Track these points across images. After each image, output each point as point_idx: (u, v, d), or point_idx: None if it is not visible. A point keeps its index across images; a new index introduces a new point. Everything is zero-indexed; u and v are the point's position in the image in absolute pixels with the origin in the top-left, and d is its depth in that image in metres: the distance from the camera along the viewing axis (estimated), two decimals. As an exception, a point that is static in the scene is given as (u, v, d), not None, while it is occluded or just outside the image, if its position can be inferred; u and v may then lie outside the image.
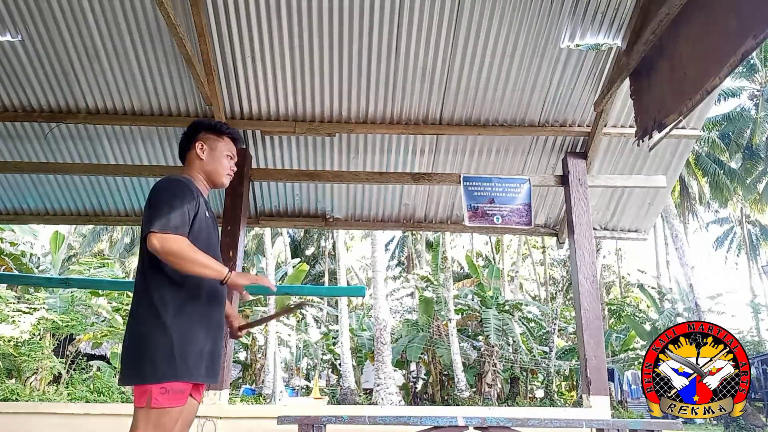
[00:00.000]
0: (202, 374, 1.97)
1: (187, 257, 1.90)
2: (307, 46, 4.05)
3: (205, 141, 2.22)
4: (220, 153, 2.22)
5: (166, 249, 1.88)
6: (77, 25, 3.90)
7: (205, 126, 2.26)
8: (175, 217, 1.93)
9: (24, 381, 15.72)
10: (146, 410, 1.86)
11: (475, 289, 22.19)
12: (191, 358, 1.92)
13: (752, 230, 29.17)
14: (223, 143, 2.25)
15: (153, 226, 1.89)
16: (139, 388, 1.90)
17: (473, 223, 4.55)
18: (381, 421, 2.90)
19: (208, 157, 2.21)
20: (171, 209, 1.94)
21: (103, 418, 3.84)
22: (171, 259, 1.89)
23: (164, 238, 1.88)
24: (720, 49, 2.50)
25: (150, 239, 1.89)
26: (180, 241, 1.91)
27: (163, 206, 1.93)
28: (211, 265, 1.96)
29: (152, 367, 1.87)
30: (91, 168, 4.84)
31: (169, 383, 1.87)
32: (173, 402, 1.87)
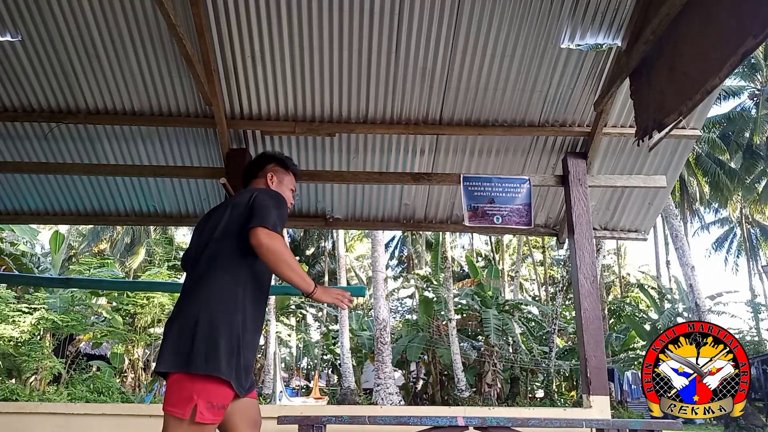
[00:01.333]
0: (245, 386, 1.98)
1: (287, 258, 2.00)
2: (307, 46, 4.05)
3: (275, 173, 2.40)
4: (285, 186, 2.42)
5: (273, 245, 1.97)
6: (77, 25, 3.90)
7: (275, 158, 2.45)
8: (280, 221, 2.07)
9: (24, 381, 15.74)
10: (190, 424, 1.80)
11: (475, 289, 22.19)
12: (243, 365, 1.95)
13: (752, 231, 29.17)
14: (289, 178, 2.45)
15: (265, 222, 1.99)
16: (182, 391, 1.83)
17: (473, 223, 4.55)
18: (381, 421, 2.90)
19: (277, 188, 2.37)
20: (278, 213, 2.07)
21: (103, 418, 3.84)
22: (271, 256, 1.97)
23: (272, 235, 1.98)
24: (720, 49, 2.50)
25: (258, 233, 1.97)
26: (283, 241, 2.03)
27: (272, 208, 2.06)
28: (303, 274, 2.07)
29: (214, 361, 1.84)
30: (91, 168, 4.84)
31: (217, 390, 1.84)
32: (217, 418, 1.86)
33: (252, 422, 2.08)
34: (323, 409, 8.04)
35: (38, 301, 15.46)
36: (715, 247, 31.50)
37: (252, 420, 2.09)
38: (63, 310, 15.56)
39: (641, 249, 70.67)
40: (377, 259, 18.24)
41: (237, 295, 1.99)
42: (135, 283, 17.61)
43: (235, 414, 2.03)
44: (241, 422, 2.05)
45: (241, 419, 2.05)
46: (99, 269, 17.59)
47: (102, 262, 18.87)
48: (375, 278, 18.23)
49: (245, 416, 2.06)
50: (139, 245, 25.03)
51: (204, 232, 2.16)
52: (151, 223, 6.34)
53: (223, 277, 2.01)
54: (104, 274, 17.02)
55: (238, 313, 1.96)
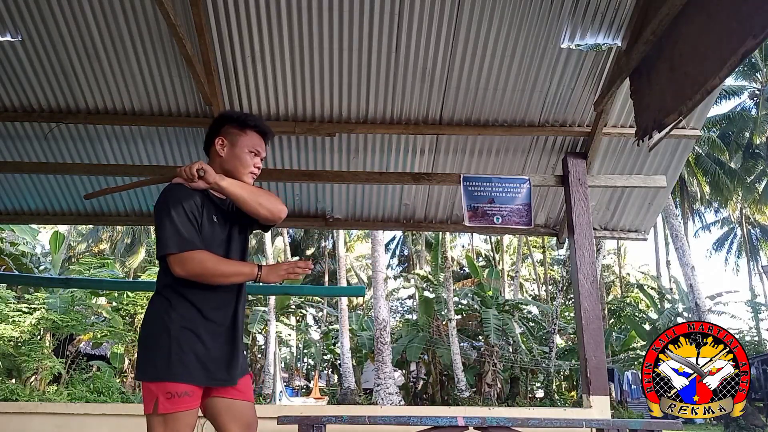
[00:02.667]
0: (204, 377, 1.91)
1: (212, 272, 1.88)
2: (307, 46, 4.05)
3: (226, 136, 2.07)
4: (241, 149, 2.05)
5: (190, 272, 1.86)
6: (77, 25, 3.89)
7: (228, 118, 2.11)
8: (184, 232, 1.86)
9: (24, 381, 15.73)
10: (155, 416, 1.85)
11: (475, 289, 22.20)
12: (191, 360, 1.88)
13: (752, 231, 29.17)
14: (246, 137, 2.07)
15: (167, 248, 1.85)
16: (145, 391, 1.89)
17: (473, 223, 4.55)
18: (381, 421, 2.89)
19: (228, 154, 2.05)
20: (176, 224, 1.86)
21: (103, 418, 3.84)
22: (199, 279, 1.89)
23: (182, 260, 1.84)
24: (720, 49, 2.50)
25: (171, 265, 1.86)
26: (198, 257, 1.86)
27: (167, 222, 1.86)
28: (239, 271, 1.95)
29: (152, 367, 1.89)
30: (91, 168, 4.84)
31: (172, 386, 1.85)
32: (179, 406, 1.84)
33: (245, 425, 2.01)
34: (323, 409, 8.04)
35: (38, 301, 15.46)
36: (715, 247, 31.51)
37: (244, 423, 2.02)
38: (63, 310, 15.55)
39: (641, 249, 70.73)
40: (377, 259, 18.24)
41: (171, 295, 1.92)
42: (135, 283, 17.62)
43: (225, 416, 2.00)
44: (231, 425, 1.99)
45: (232, 422, 1.99)
46: (99, 269, 17.58)
47: (102, 262, 18.87)
48: (375, 278, 18.23)
49: (235, 419, 2.00)
50: (139, 245, 25.03)
51: None
52: (151, 223, 6.32)
53: (162, 280, 1.98)
54: (104, 274, 17.02)
55: (172, 311, 1.89)
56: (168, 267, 1.91)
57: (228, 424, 2.00)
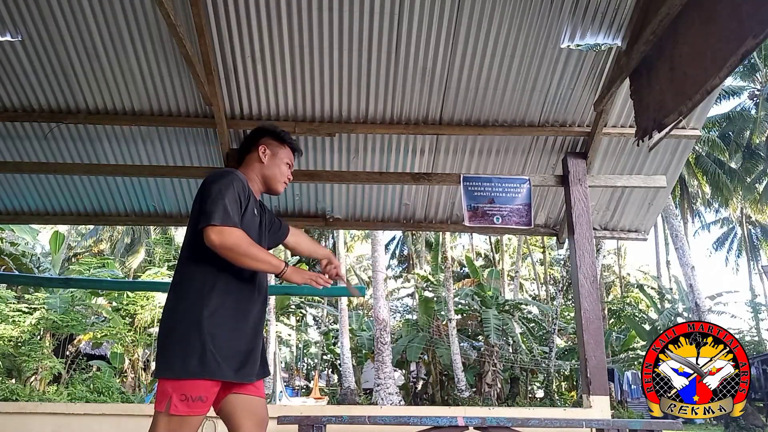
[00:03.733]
0: (232, 373, 1.94)
1: (244, 252, 1.92)
2: (307, 46, 4.05)
3: (268, 146, 2.26)
4: (280, 160, 2.27)
5: (225, 243, 1.89)
6: (77, 25, 3.90)
7: (269, 131, 2.31)
8: (230, 209, 1.94)
9: (24, 381, 15.73)
10: (165, 415, 1.84)
11: (475, 289, 22.19)
12: (224, 355, 1.91)
13: (752, 230, 29.17)
14: (284, 151, 2.29)
15: (211, 219, 1.90)
16: (160, 389, 1.88)
17: (473, 223, 4.55)
18: (381, 421, 2.90)
19: (269, 162, 2.25)
20: (226, 201, 1.94)
21: (103, 418, 3.84)
22: (228, 253, 1.91)
23: (222, 232, 1.89)
24: (720, 49, 2.50)
25: (207, 233, 1.89)
26: (237, 233, 1.93)
27: (218, 198, 1.94)
28: (268, 259, 1.99)
29: (180, 363, 1.86)
30: (91, 168, 4.84)
31: (192, 384, 1.85)
32: (193, 410, 1.85)
33: (258, 421, 2.06)
34: (323, 409, 8.04)
35: (38, 301, 15.46)
36: (715, 247, 31.52)
37: (259, 419, 2.06)
38: (63, 310, 15.55)
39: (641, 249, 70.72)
40: (377, 259, 18.24)
41: (202, 289, 1.95)
42: (135, 283, 17.62)
43: (241, 412, 2.02)
44: (246, 421, 2.02)
45: (247, 418, 2.02)
46: (99, 269, 17.58)
47: (102, 262, 18.87)
48: (375, 278, 18.23)
49: (251, 415, 2.04)
50: (139, 245, 25.02)
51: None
52: (151, 223, 6.34)
53: (187, 274, 2.00)
54: (104, 274, 17.02)
55: (204, 307, 1.91)
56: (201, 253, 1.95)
57: (243, 420, 2.02)
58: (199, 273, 1.98)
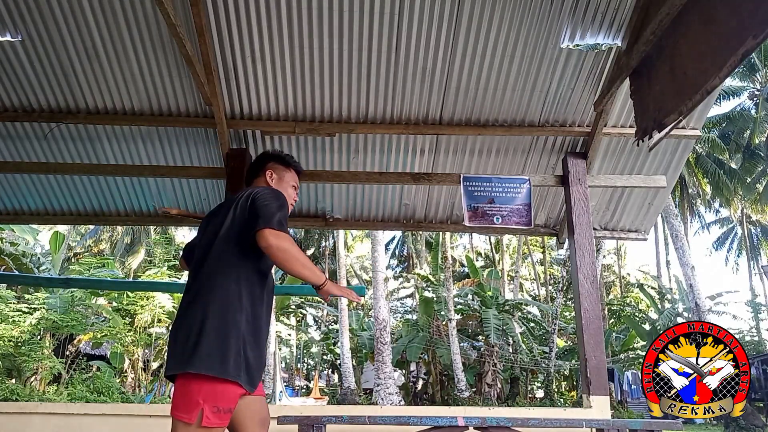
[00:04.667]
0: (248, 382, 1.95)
1: (297, 256, 2.00)
2: (307, 46, 4.05)
3: (274, 170, 2.40)
4: (286, 183, 2.40)
5: (281, 245, 1.97)
6: (77, 25, 3.90)
7: (274, 157, 2.44)
8: (285, 219, 2.07)
9: (24, 381, 15.73)
10: (195, 427, 1.81)
11: (475, 288, 22.19)
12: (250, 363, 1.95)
13: (753, 230, 29.17)
14: (289, 174, 2.43)
15: (270, 222, 1.99)
16: (186, 397, 1.84)
17: (473, 223, 4.55)
18: (381, 421, 2.89)
19: (277, 185, 2.36)
20: (281, 212, 2.07)
21: (103, 418, 3.84)
22: (281, 254, 1.97)
23: (279, 235, 1.98)
24: (720, 49, 2.50)
25: (266, 234, 1.96)
26: (290, 239, 2.03)
27: (274, 207, 2.05)
28: (314, 268, 2.07)
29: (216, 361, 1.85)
30: (91, 168, 4.84)
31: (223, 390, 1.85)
32: (224, 421, 1.86)
33: (261, 421, 2.09)
34: (323, 409, 8.04)
35: (38, 301, 15.45)
36: (715, 247, 31.52)
37: (261, 419, 2.09)
38: (63, 310, 15.55)
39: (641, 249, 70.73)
40: (377, 259, 18.24)
41: (241, 295, 2.00)
42: (135, 283, 17.61)
43: (244, 413, 2.04)
44: (249, 421, 2.05)
45: (250, 418, 2.05)
46: (99, 269, 17.58)
47: (102, 262, 18.86)
48: (375, 278, 18.23)
49: (254, 415, 2.07)
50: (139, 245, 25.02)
51: (208, 232, 2.16)
52: (151, 223, 6.34)
53: (228, 277, 2.02)
54: (104, 274, 17.02)
55: (243, 312, 1.98)
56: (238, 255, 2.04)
57: (245, 420, 2.05)
58: (237, 278, 2.03)
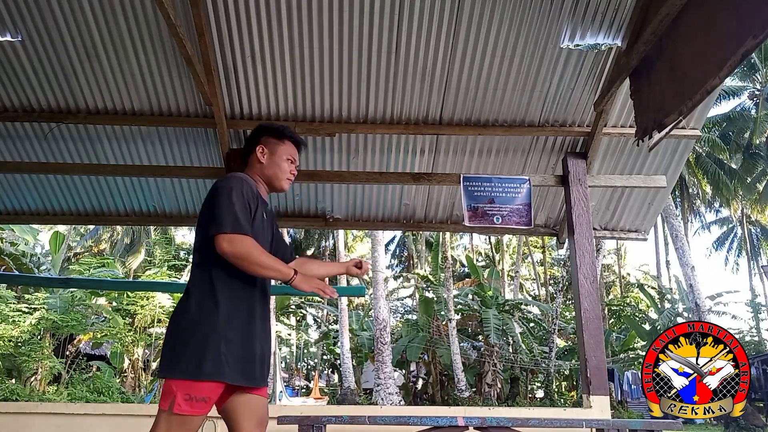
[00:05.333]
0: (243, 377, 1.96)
1: (255, 261, 1.94)
2: (307, 46, 4.05)
3: (266, 144, 2.25)
4: (280, 157, 2.25)
5: (237, 252, 1.91)
6: (77, 25, 3.90)
7: (267, 130, 2.30)
8: (241, 217, 1.95)
9: (24, 381, 15.73)
10: (168, 414, 1.86)
11: (475, 289, 22.18)
12: (236, 359, 1.93)
13: (753, 230, 29.16)
14: (284, 147, 2.27)
15: (222, 227, 1.91)
16: (165, 388, 1.89)
17: (473, 223, 4.55)
18: (381, 421, 2.89)
19: (269, 161, 2.23)
20: (236, 209, 1.95)
21: (103, 418, 3.84)
22: (238, 262, 1.93)
23: (233, 240, 1.91)
24: (720, 49, 2.50)
25: (219, 241, 1.91)
26: (248, 242, 1.94)
27: (224, 206, 1.95)
28: (278, 267, 2.01)
29: (188, 364, 1.87)
30: (91, 168, 4.84)
31: (199, 385, 1.86)
32: (195, 410, 1.87)
33: (259, 421, 2.07)
34: (323, 409, 8.04)
35: (38, 301, 15.45)
36: (715, 247, 31.49)
37: (259, 419, 2.07)
38: (63, 310, 15.54)
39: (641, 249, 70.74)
40: (377, 259, 18.22)
41: (215, 292, 1.96)
42: (135, 283, 17.60)
43: (242, 412, 2.03)
44: (246, 421, 2.03)
45: (248, 418, 2.04)
46: (99, 269, 17.58)
47: (102, 262, 18.86)
48: (375, 278, 18.22)
49: (252, 415, 2.05)
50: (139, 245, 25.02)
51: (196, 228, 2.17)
52: (151, 223, 6.34)
53: (203, 276, 2.00)
54: (104, 274, 17.01)
55: (218, 310, 1.93)
56: (209, 254, 1.96)
57: (243, 419, 2.03)
58: (212, 278, 1.99)
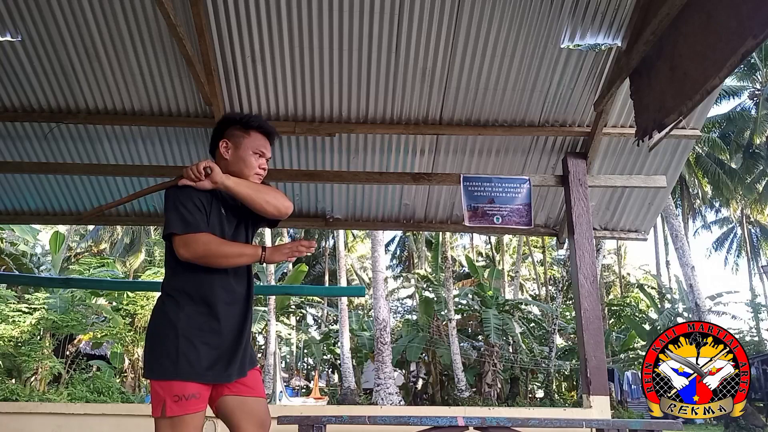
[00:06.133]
0: (213, 375, 1.91)
1: (216, 253, 1.89)
2: (307, 46, 4.05)
3: (230, 138, 2.07)
4: (245, 151, 2.06)
5: (196, 252, 1.87)
6: (77, 25, 3.90)
7: (231, 120, 2.11)
8: (189, 218, 1.89)
9: (24, 381, 15.72)
10: (163, 419, 1.84)
11: (475, 289, 22.19)
12: (199, 358, 1.88)
13: (753, 230, 29.15)
14: (249, 139, 2.07)
15: (173, 228, 1.88)
16: (154, 396, 1.88)
17: (473, 223, 4.55)
18: (381, 421, 2.89)
19: (233, 156, 2.06)
20: (182, 210, 1.90)
21: (103, 418, 3.84)
22: (202, 261, 1.89)
23: (187, 241, 1.87)
24: (720, 49, 2.50)
25: (176, 246, 1.88)
26: (203, 238, 1.89)
27: (174, 209, 1.91)
28: (243, 251, 1.96)
29: (159, 366, 1.87)
30: (91, 168, 4.84)
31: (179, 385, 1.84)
32: (187, 409, 1.84)
33: (258, 422, 2.03)
34: (323, 409, 8.04)
35: (38, 301, 15.44)
36: (715, 247, 31.49)
37: (258, 420, 2.03)
38: (63, 310, 15.54)
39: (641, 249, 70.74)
40: (377, 259, 18.24)
41: (179, 292, 1.94)
42: (135, 283, 17.60)
43: (240, 414, 2.00)
44: (246, 423, 2.00)
45: (246, 420, 2.00)
46: (99, 269, 17.58)
47: (102, 262, 18.86)
48: (375, 278, 18.24)
49: (249, 416, 2.01)
50: (139, 245, 25.03)
51: None
52: (151, 223, 6.34)
53: (166, 279, 2.01)
54: (104, 274, 17.01)
55: (180, 311, 1.90)
56: (174, 259, 1.94)
57: (241, 422, 1.99)
58: (174, 279, 1.97)
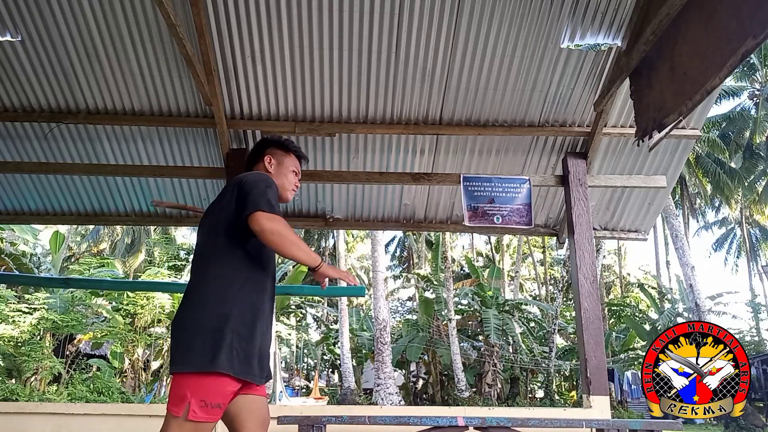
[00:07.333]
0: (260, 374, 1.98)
1: (290, 238, 1.96)
2: (307, 46, 4.05)
3: (273, 155, 2.32)
4: (286, 168, 2.32)
5: (274, 228, 1.93)
6: (77, 25, 3.90)
7: (273, 142, 2.37)
8: (275, 201, 2.02)
9: (24, 381, 15.72)
10: (180, 420, 1.82)
11: (475, 289, 22.18)
12: (247, 354, 1.93)
13: (752, 231, 29.15)
14: (289, 159, 2.34)
15: (261, 205, 1.94)
16: (177, 391, 1.85)
17: (473, 223, 4.55)
18: (381, 421, 2.89)
19: (276, 171, 2.29)
20: (271, 194, 2.02)
21: (103, 418, 3.84)
22: (275, 238, 1.94)
23: (272, 217, 1.94)
24: (720, 49, 2.50)
25: (258, 217, 1.92)
26: (283, 221, 1.99)
27: (265, 190, 2.01)
28: (308, 251, 2.04)
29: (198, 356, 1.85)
30: (91, 168, 4.84)
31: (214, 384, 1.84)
32: (211, 416, 1.85)
33: (261, 421, 2.06)
34: (323, 409, 8.04)
35: (38, 301, 15.43)
36: (715, 247, 31.48)
37: (261, 419, 2.06)
38: (63, 310, 15.53)
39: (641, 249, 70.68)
40: (377, 259, 18.24)
41: (229, 288, 1.97)
42: (135, 283, 17.59)
43: (244, 412, 2.02)
44: (250, 422, 2.02)
45: (250, 419, 2.02)
46: (99, 269, 17.57)
47: (102, 262, 18.85)
48: (375, 278, 18.23)
49: (253, 415, 2.04)
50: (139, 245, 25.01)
51: (202, 228, 2.16)
52: (151, 223, 6.34)
53: (214, 271, 2.00)
54: (104, 274, 17.01)
55: (232, 306, 1.93)
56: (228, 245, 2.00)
57: (247, 421, 2.02)
58: (228, 270, 2.00)
